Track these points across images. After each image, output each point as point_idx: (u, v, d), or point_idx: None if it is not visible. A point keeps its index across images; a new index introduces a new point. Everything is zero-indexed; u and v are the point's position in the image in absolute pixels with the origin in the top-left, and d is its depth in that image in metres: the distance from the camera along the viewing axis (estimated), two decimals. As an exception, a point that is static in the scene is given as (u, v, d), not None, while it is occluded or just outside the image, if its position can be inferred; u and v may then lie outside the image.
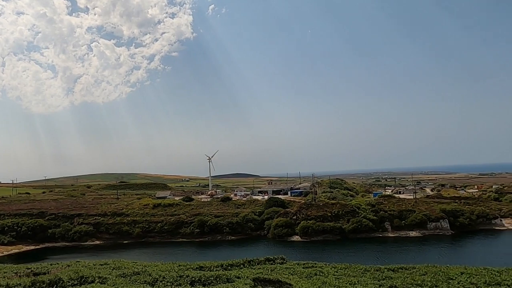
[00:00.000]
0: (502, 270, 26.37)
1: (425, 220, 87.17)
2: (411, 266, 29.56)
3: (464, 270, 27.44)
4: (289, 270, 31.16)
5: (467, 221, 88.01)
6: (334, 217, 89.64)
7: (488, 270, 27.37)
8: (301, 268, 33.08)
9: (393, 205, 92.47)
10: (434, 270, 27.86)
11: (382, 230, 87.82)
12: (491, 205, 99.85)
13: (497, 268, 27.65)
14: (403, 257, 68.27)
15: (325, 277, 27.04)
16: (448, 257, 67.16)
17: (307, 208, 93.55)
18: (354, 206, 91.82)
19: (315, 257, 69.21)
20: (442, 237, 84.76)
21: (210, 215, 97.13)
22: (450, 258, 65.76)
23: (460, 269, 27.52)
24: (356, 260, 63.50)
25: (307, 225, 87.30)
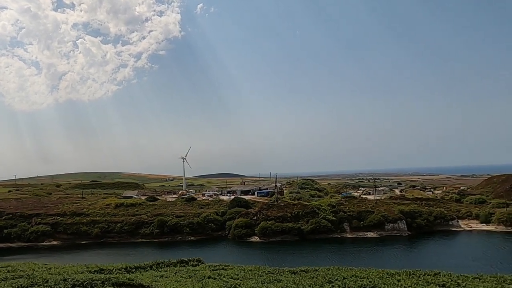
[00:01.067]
0: (401, 272, 26.39)
1: (383, 221, 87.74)
2: (313, 268, 29.50)
3: (356, 272, 27.38)
4: (192, 272, 30.78)
5: (425, 222, 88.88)
6: (294, 218, 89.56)
7: (380, 272, 27.36)
8: (207, 270, 32.73)
9: (354, 206, 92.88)
10: (332, 272, 27.76)
11: (340, 231, 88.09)
12: (451, 206, 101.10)
13: (396, 270, 27.68)
14: (352, 258, 68.53)
15: (214, 280, 26.74)
16: (395, 258, 67.76)
17: (268, 208, 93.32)
18: (315, 207, 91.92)
19: (269, 258, 69.50)
20: (398, 238, 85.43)
21: (172, 215, 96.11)
22: (396, 260, 66.39)
23: (352, 272, 27.47)
24: (304, 261, 63.57)
25: (266, 226, 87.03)
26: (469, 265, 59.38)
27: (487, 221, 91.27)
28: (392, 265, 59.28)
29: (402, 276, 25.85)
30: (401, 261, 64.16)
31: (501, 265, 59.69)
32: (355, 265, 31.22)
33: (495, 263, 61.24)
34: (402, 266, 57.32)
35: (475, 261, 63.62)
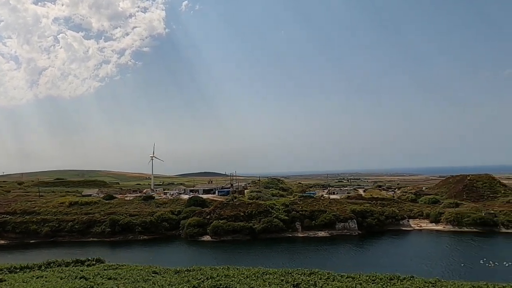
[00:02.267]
0: (277, 272, 26.48)
1: (334, 220, 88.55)
2: (198, 268, 29.38)
3: (227, 272, 27.36)
4: (78, 272, 30.26)
5: (375, 221, 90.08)
6: (247, 217, 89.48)
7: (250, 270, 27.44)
8: (100, 270, 32.25)
9: (307, 206, 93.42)
10: (207, 272, 27.74)
11: (292, 230, 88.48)
12: (404, 206, 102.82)
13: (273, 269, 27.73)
14: (293, 257, 68.97)
15: (86, 280, 26.54)
16: (319, 258, 68.41)
17: (222, 208, 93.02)
18: (268, 206, 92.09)
19: (217, 257, 69.09)
20: (349, 237, 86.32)
21: (125, 214, 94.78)
22: (318, 259, 67.03)
23: (224, 271, 27.52)
24: (243, 261, 63.49)
25: (217, 225, 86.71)
26: (405, 264, 60.48)
27: (436, 221, 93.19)
28: (315, 264, 60.01)
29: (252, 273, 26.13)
30: (324, 260, 65.09)
31: (436, 264, 61.02)
32: (287, 265, 30.67)
33: (431, 263, 62.41)
34: (329, 265, 58.03)
35: (412, 260, 64.77)
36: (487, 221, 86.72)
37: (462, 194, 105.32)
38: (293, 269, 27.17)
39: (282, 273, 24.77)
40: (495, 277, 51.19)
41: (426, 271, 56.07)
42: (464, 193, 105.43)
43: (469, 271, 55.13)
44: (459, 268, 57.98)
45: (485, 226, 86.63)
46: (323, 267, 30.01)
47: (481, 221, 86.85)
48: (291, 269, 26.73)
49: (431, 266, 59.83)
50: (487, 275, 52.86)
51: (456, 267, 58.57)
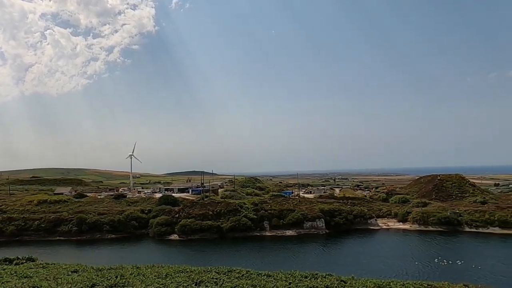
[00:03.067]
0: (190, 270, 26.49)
1: (302, 219, 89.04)
2: (120, 266, 29.23)
3: (136, 270, 27.33)
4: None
5: (343, 220, 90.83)
6: (215, 216, 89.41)
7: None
8: (23, 268, 31.91)
9: (277, 205, 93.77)
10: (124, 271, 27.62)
11: (260, 229, 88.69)
12: (374, 205, 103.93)
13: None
14: (256, 255, 69.24)
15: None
16: (264, 257, 68.74)
17: (191, 206, 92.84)
18: (238, 205, 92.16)
19: (177, 257, 68.87)
20: (316, 236, 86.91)
21: (93, 213, 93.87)
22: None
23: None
24: (198, 260, 63.45)
25: (185, 224, 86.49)
26: (363, 263, 61.22)
27: (404, 220, 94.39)
28: (275, 263, 60.52)
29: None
30: (284, 259, 65.47)
31: (392, 263, 61.75)
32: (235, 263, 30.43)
33: (389, 261, 63.11)
34: (286, 264, 58.32)
35: (372, 259, 65.48)
36: (451, 220, 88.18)
37: (432, 194, 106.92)
38: (207, 267, 27.35)
39: (186, 270, 24.82)
40: (441, 275, 52.13)
41: (380, 270, 56.92)
42: (433, 193, 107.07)
43: (420, 270, 56.07)
44: (412, 266, 58.79)
45: (449, 225, 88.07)
46: (278, 266, 30.15)
47: (446, 220, 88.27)
48: (203, 268, 26.87)
49: (388, 265, 60.58)
50: (434, 273, 54.04)
51: (410, 265, 59.37)
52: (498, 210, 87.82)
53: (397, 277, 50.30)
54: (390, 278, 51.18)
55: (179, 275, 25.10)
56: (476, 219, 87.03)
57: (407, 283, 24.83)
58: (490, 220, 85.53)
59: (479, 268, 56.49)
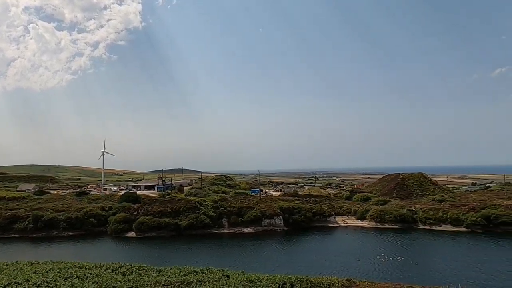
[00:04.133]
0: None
1: (260, 217, 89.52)
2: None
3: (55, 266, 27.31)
4: None
5: (302, 218, 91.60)
6: (174, 213, 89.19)
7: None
8: None
9: (237, 202, 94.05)
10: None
11: (218, 227, 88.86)
12: (336, 203, 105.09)
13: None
14: (205, 252, 69.44)
15: None
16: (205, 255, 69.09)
17: (151, 204, 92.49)
18: (197, 202, 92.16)
19: (125, 255, 68.47)
20: (274, 233, 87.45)
21: (51, 210, 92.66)
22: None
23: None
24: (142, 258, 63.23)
25: (142, 221, 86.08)
26: (306, 260, 61.97)
27: (362, 218, 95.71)
28: (216, 260, 60.98)
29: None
30: (228, 256, 65.86)
31: (334, 259, 62.59)
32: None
33: (335, 258, 63.91)
34: (234, 262, 58.68)
35: (317, 256, 66.31)
36: (406, 218, 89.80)
37: (393, 192, 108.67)
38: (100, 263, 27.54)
39: (71, 266, 24.94)
40: (375, 271, 53.30)
41: (321, 266, 57.81)
42: (395, 191, 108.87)
43: (359, 266, 56.96)
44: (353, 263, 59.65)
45: (404, 222, 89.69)
46: (221, 263, 29.93)
47: (401, 218, 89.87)
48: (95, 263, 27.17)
49: (330, 261, 61.41)
50: (369, 269, 55.03)
51: (351, 261, 60.25)
52: (452, 208, 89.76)
53: (329, 274, 51.21)
54: (323, 274, 51.64)
55: (54, 272, 25.12)
56: (430, 217, 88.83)
57: (320, 278, 25.32)
58: (443, 218, 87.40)
59: (416, 264, 57.75)
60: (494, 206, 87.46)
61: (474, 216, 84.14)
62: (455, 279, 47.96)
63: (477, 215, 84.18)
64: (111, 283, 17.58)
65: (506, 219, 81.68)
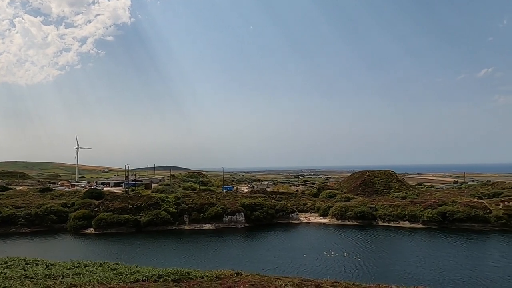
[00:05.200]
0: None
1: (222, 213, 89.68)
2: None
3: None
4: None
5: (263, 214, 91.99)
6: (135, 210, 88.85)
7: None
8: None
9: (199, 199, 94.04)
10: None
11: (179, 223, 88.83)
12: (301, 200, 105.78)
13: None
14: (157, 250, 69.36)
15: None
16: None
17: (112, 200, 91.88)
18: (159, 198, 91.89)
19: (76, 251, 68.02)
20: (235, 230, 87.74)
21: (11, 206, 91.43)
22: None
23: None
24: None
25: (101, 218, 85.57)
26: (257, 257, 62.30)
27: (325, 214, 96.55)
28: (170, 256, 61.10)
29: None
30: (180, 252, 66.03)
31: (286, 255, 63.01)
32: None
33: (285, 254, 64.28)
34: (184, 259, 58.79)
35: (269, 251, 66.88)
36: (366, 214, 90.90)
37: (358, 189, 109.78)
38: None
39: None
40: (318, 267, 53.92)
41: (266, 261, 58.32)
42: (360, 188, 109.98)
43: (303, 262, 57.50)
44: (300, 258, 60.13)
45: (364, 219, 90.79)
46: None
47: (361, 214, 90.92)
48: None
49: (278, 257, 61.94)
50: (313, 265, 55.61)
51: (298, 257, 60.78)
52: (411, 206, 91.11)
53: (269, 268, 51.63)
54: (263, 269, 51.44)
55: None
56: (389, 213, 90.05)
57: (209, 272, 25.61)
58: (401, 215, 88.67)
59: (358, 260, 58.50)
60: (451, 203, 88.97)
61: (431, 213, 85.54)
62: (392, 276, 48.91)
63: (434, 212, 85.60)
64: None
65: (460, 215, 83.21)
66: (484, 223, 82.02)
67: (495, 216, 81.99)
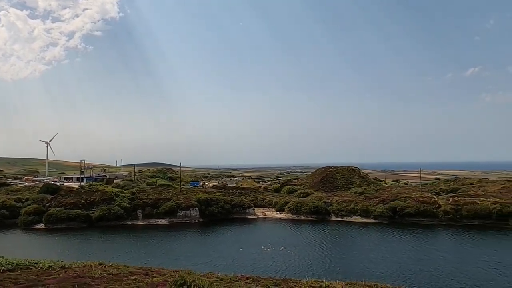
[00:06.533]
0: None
1: (176, 208, 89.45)
2: None
3: None
4: None
5: (218, 209, 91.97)
6: (88, 205, 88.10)
7: None
8: None
9: (155, 194, 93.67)
10: None
11: (132, 218, 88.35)
12: (260, 195, 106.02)
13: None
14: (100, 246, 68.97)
15: None
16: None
17: (65, 195, 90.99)
18: (114, 193, 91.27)
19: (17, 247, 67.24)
20: (188, 225, 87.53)
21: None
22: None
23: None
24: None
25: (51, 213, 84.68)
26: (197, 252, 62.28)
27: (281, 209, 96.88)
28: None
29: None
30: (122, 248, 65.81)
31: (228, 250, 63.13)
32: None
33: (218, 249, 64.26)
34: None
35: (207, 246, 66.89)
36: (320, 209, 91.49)
37: (319, 185, 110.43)
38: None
39: None
40: (250, 261, 54.12)
41: (200, 256, 58.33)
42: (321, 184, 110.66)
43: (236, 256, 57.70)
44: (235, 253, 60.39)
45: (319, 214, 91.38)
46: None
47: (315, 209, 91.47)
48: None
49: (216, 251, 62.06)
50: (244, 259, 55.74)
51: (233, 252, 60.95)
52: (365, 201, 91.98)
53: (201, 263, 51.72)
54: (194, 263, 50.83)
55: None
56: (342, 208, 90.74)
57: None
58: (354, 210, 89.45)
59: (292, 254, 58.86)
60: (404, 198, 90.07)
61: (382, 208, 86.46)
62: (323, 269, 49.51)
63: (385, 207, 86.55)
64: None
65: (410, 210, 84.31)
66: (433, 218, 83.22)
67: (443, 211, 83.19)
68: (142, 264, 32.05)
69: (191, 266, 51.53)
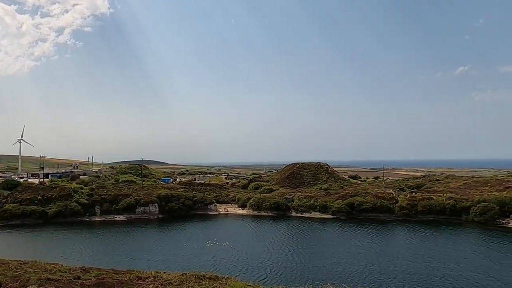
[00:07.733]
0: None
1: (135, 204, 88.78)
2: None
3: None
4: None
5: (179, 205, 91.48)
6: (45, 201, 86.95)
7: None
8: None
9: (114, 190, 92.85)
10: None
11: (90, 214, 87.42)
12: (225, 192, 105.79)
13: None
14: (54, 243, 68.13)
15: None
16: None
17: (22, 191, 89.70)
18: (72, 190, 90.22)
19: None
20: (147, 221, 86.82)
21: None
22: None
23: None
24: None
25: (6, 209, 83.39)
26: (147, 249, 61.75)
27: (243, 206, 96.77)
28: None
29: None
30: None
31: (165, 245, 62.79)
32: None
33: (162, 245, 63.82)
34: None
35: (156, 242, 66.65)
36: (280, 205, 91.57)
37: (285, 181, 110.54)
38: None
39: None
40: (185, 256, 53.73)
41: (151, 252, 57.96)
42: (287, 180, 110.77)
43: (178, 252, 57.36)
44: (179, 249, 60.05)
45: (279, 210, 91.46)
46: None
47: (276, 205, 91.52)
48: None
49: (161, 247, 61.70)
50: (185, 255, 55.42)
51: (179, 248, 60.62)
52: (325, 197, 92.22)
53: (141, 259, 51.33)
54: (129, 259, 49.78)
55: None
56: (302, 204, 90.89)
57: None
58: (313, 205, 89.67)
59: (234, 249, 58.69)
60: (364, 194, 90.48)
61: (340, 203, 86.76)
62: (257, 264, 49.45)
63: (343, 202, 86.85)
64: None
65: (366, 206, 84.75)
66: (389, 213, 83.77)
67: (399, 206, 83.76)
68: (81, 263, 31.45)
69: (127, 261, 51.33)
